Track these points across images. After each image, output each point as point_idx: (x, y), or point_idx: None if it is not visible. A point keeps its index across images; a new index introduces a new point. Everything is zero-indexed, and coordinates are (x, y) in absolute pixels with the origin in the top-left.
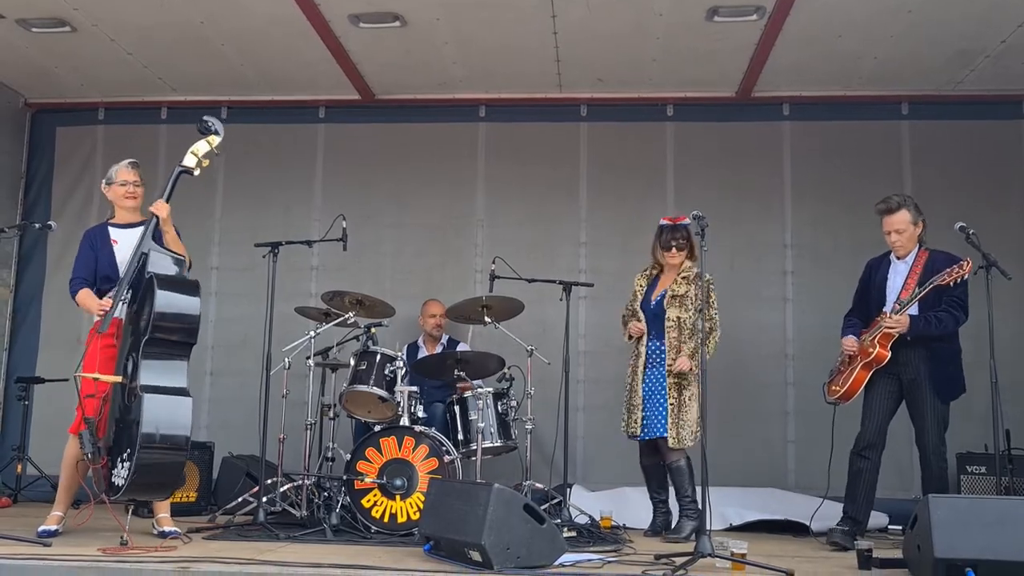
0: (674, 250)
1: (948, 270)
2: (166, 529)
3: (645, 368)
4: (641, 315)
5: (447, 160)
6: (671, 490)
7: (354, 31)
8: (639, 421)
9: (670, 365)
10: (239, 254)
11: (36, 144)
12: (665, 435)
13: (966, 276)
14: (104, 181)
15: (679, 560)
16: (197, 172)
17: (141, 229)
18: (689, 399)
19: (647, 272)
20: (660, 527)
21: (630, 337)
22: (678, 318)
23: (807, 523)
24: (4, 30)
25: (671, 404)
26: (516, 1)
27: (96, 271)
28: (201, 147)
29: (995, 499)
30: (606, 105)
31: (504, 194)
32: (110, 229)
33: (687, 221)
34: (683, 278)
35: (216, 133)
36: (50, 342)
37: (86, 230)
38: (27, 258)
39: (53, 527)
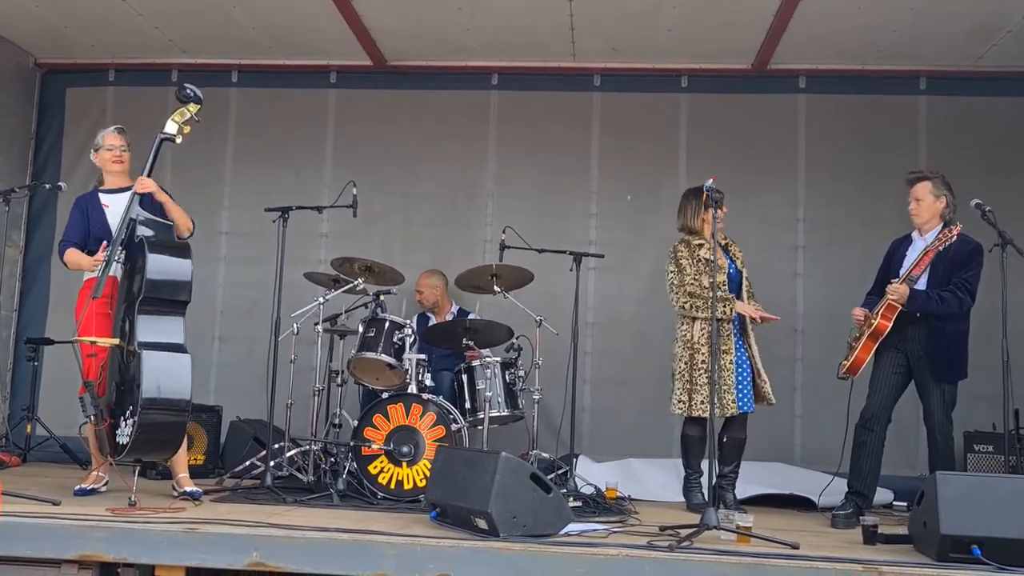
0: (725, 209)
1: (939, 236)
2: (187, 489)
3: (735, 343)
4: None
5: (458, 128)
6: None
7: None
8: (734, 402)
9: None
10: (249, 219)
11: (46, 105)
12: (752, 410)
13: (954, 239)
14: (92, 148)
15: (684, 532)
16: (179, 140)
17: (129, 194)
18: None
19: (697, 245)
20: (703, 501)
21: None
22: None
23: (812, 498)
24: None
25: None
26: None
27: (87, 236)
28: (182, 115)
29: (1002, 478)
30: (620, 75)
31: (515, 163)
32: (100, 195)
33: None
34: (730, 243)
35: (196, 100)
36: (59, 303)
37: (76, 197)
38: (37, 219)
39: (88, 486)
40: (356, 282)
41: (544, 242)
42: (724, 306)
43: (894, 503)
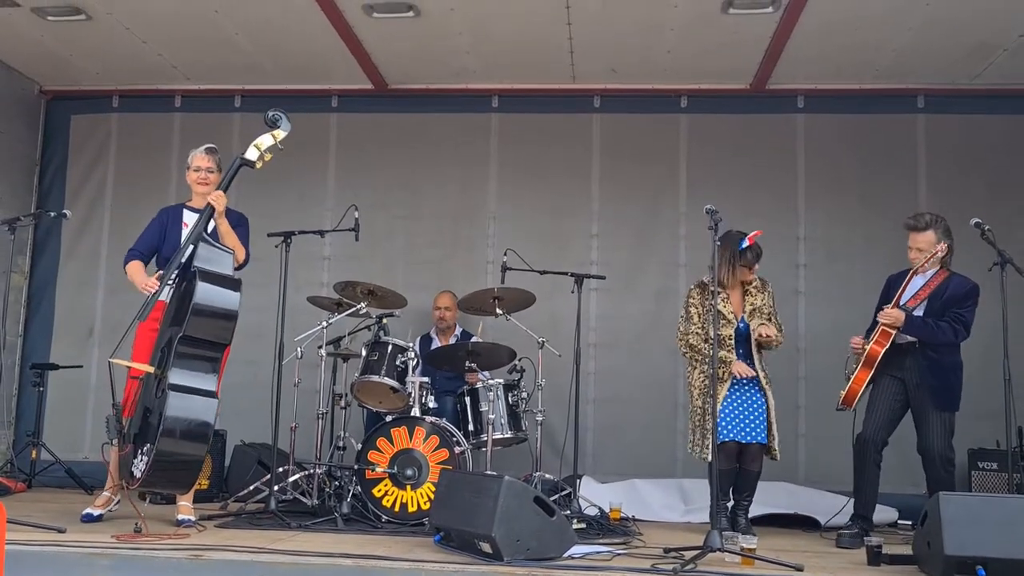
0: (757, 266)
1: (937, 273)
2: (179, 517)
3: (731, 386)
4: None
5: (459, 150)
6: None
7: (368, 21)
8: (728, 427)
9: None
10: (252, 243)
11: (51, 132)
12: (765, 441)
13: (940, 255)
14: (185, 166)
15: (688, 554)
16: (259, 165)
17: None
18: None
19: (712, 293)
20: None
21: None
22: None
23: (816, 517)
24: (20, 18)
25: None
26: None
27: (156, 249)
28: (265, 140)
29: (1006, 497)
30: (620, 96)
31: (516, 185)
32: (184, 211)
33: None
34: (754, 287)
35: (282, 128)
36: (64, 329)
37: (161, 208)
38: (41, 246)
39: (96, 511)
40: (359, 306)
41: (546, 264)
42: (719, 367)
43: (899, 522)
